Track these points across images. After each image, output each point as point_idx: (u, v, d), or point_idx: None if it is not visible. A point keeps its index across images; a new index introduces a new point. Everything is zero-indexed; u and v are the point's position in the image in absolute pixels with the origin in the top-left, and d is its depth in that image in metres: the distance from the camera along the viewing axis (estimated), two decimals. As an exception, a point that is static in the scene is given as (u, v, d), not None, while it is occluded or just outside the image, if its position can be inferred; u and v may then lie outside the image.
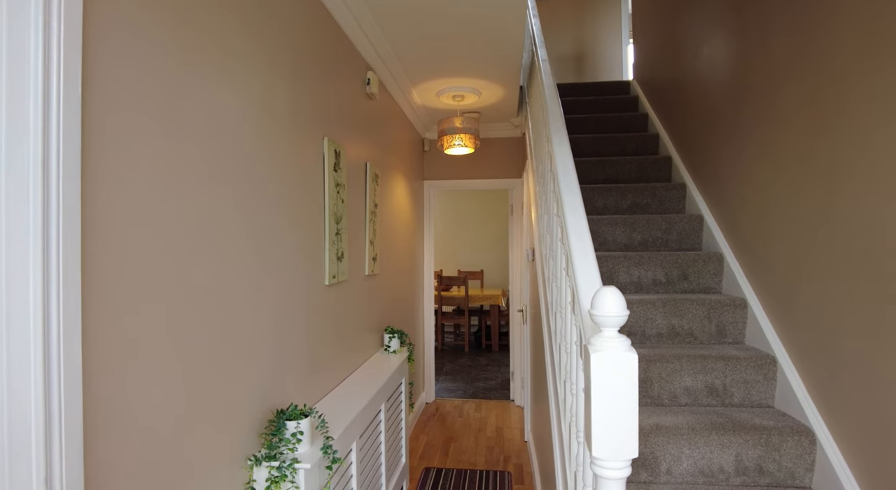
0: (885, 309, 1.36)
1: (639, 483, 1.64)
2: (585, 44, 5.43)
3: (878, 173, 1.39)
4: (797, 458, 1.62)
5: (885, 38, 1.36)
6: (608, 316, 0.96)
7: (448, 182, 4.39)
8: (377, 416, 2.24)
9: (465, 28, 2.36)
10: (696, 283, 2.28)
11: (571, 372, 1.31)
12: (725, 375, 1.84)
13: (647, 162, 3.03)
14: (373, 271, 2.62)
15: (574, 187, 1.51)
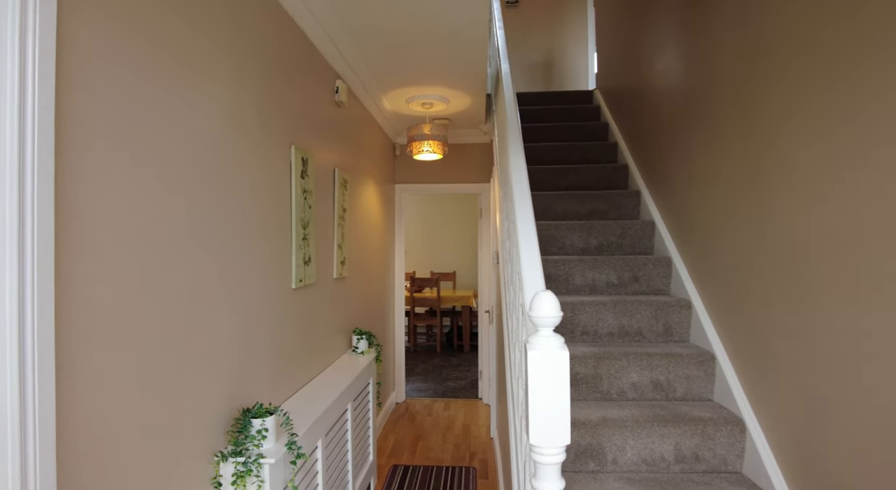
0: (804, 312, 1.51)
1: (587, 472, 1.77)
2: (555, 52, 5.59)
3: (801, 186, 1.54)
4: (729, 446, 1.76)
5: (809, 70, 1.52)
6: (543, 317, 1.06)
7: (419, 186, 4.48)
8: (344, 415, 2.31)
9: (433, 42, 2.46)
10: (647, 285, 2.43)
11: (520, 369, 1.42)
12: (669, 371, 1.98)
13: (606, 169, 3.18)
14: (341, 274, 2.69)
15: (525, 196, 1.62)
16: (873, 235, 1.24)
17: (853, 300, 1.31)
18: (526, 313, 1.23)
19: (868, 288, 1.26)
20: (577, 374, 1.98)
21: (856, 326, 1.30)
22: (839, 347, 1.36)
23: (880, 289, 1.22)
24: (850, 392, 1.32)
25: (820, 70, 1.44)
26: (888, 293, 1.20)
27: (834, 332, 1.37)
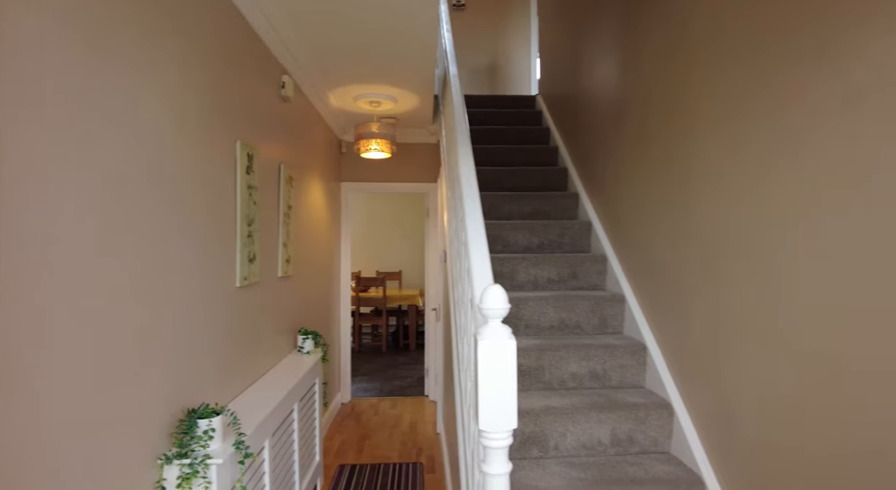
0: (719, 304, 1.67)
1: (531, 459, 1.86)
2: (500, 56, 5.73)
3: (719, 190, 1.70)
4: (659, 428, 1.91)
5: (721, 85, 1.68)
6: (492, 309, 1.12)
7: (366, 184, 4.47)
8: (290, 415, 2.28)
9: (382, 41, 2.48)
10: (585, 281, 2.57)
11: (469, 361, 1.47)
12: (605, 361, 2.12)
13: (548, 172, 3.32)
14: (286, 273, 2.65)
15: (474, 196, 1.69)
16: (783, 234, 1.40)
17: (759, 295, 1.47)
18: (476, 306, 1.29)
19: (774, 284, 1.42)
20: (522, 365, 2.08)
21: (760, 318, 1.46)
22: (747, 338, 1.52)
23: (784, 285, 1.38)
24: (753, 377, 1.48)
25: (738, 87, 1.60)
26: (791, 290, 1.36)
27: (743, 324, 1.53)
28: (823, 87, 1.25)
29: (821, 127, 1.26)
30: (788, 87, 1.37)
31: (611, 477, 1.71)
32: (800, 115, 1.33)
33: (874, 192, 1.12)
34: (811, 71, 1.29)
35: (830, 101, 1.23)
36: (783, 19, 1.39)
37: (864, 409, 1.14)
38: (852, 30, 1.17)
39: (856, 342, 1.16)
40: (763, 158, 1.47)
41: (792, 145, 1.36)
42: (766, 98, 1.46)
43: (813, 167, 1.29)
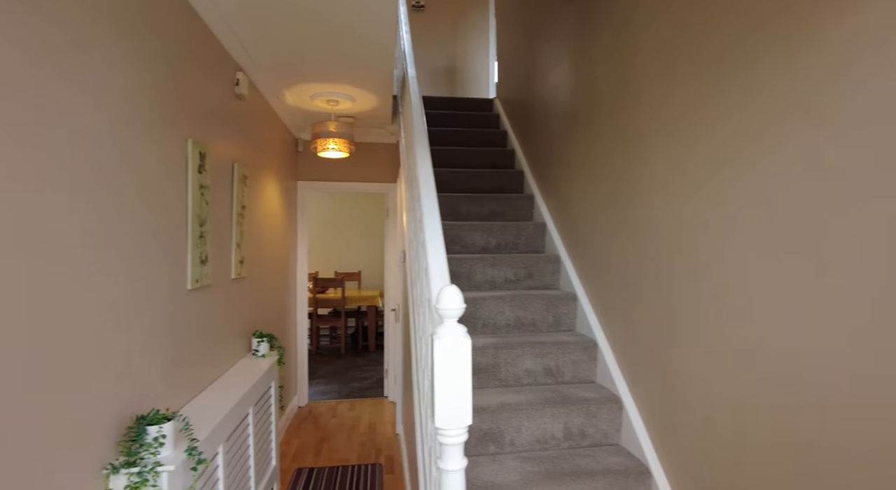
0: (662, 301, 1.76)
1: (487, 455, 1.90)
2: (458, 58, 5.79)
3: (662, 192, 1.80)
4: (610, 422, 2.00)
5: (663, 93, 1.77)
6: (448, 309, 1.15)
7: (323, 183, 4.41)
8: (245, 419, 2.24)
9: (340, 40, 2.46)
10: (539, 280, 2.65)
11: (427, 360, 1.50)
12: (559, 358, 2.19)
13: (505, 174, 3.38)
14: (240, 274, 2.59)
15: (432, 197, 1.71)
16: (718, 238, 1.50)
17: (697, 295, 1.56)
18: (433, 306, 1.31)
19: (710, 285, 1.52)
20: (479, 363, 2.12)
21: (700, 317, 1.56)
22: (688, 335, 1.61)
23: (719, 286, 1.48)
24: (693, 373, 1.58)
25: (683, 103, 1.69)
26: (726, 291, 1.46)
27: (684, 322, 1.63)
28: (740, 110, 1.35)
29: (748, 141, 1.36)
30: (720, 105, 1.47)
31: (564, 470, 1.78)
32: (730, 129, 1.43)
33: (787, 200, 1.22)
34: (733, 95, 1.39)
35: (745, 122, 1.33)
36: (715, 46, 1.48)
37: (796, 402, 1.24)
38: (758, 62, 1.27)
39: (783, 338, 1.26)
40: (702, 167, 1.56)
41: (725, 156, 1.45)
42: (706, 113, 1.55)
43: (744, 174, 1.38)
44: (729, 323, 1.44)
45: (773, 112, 1.29)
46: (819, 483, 1.16)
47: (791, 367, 1.23)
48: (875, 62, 1.03)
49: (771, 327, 1.30)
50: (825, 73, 1.14)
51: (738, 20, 1.40)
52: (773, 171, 1.29)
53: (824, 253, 1.15)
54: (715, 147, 1.51)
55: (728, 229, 1.45)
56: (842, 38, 1.10)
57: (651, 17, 1.86)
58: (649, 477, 1.78)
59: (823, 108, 1.15)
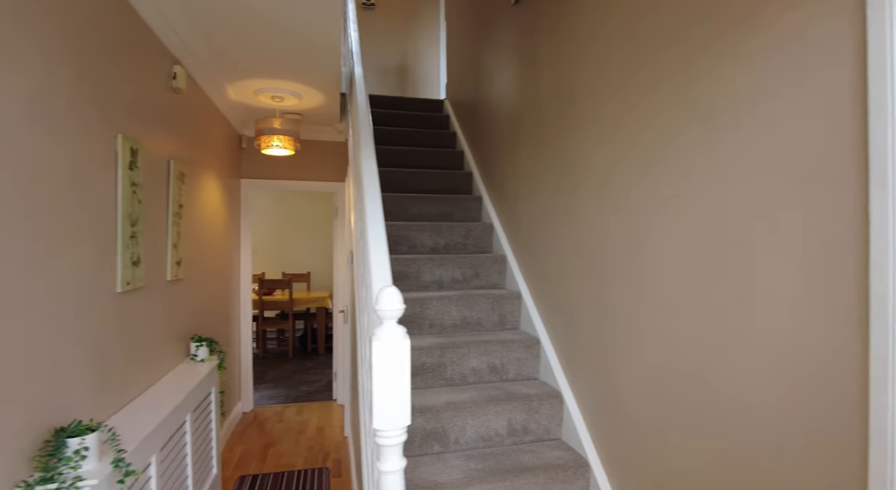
0: (598, 298, 1.83)
1: (432, 454, 1.91)
2: (409, 58, 5.77)
3: (599, 196, 1.87)
4: (551, 417, 2.06)
5: (601, 103, 1.84)
6: (386, 310, 1.15)
7: (268, 182, 4.29)
8: (182, 427, 2.15)
9: (282, 36, 2.41)
10: (486, 280, 2.69)
11: (368, 361, 1.49)
12: (503, 356, 2.23)
13: (455, 175, 3.41)
14: (177, 276, 2.48)
15: (376, 197, 1.70)
16: (644, 241, 1.58)
17: (625, 294, 1.64)
18: (372, 308, 1.30)
19: (638, 284, 1.59)
20: (425, 363, 2.13)
21: (627, 314, 1.63)
22: (620, 333, 1.69)
23: (645, 286, 1.56)
24: (626, 370, 1.65)
25: (617, 110, 1.77)
26: (650, 291, 1.53)
27: (616, 320, 1.70)
28: (662, 118, 1.43)
29: (670, 150, 1.44)
30: (646, 116, 1.55)
31: (506, 466, 1.81)
32: (656, 138, 1.51)
33: (704, 213, 1.30)
34: (656, 105, 1.47)
35: (670, 131, 1.41)
36: (626, 70, 1.56)
37: (715, 401, 1.32)
38: (676, 77, 1.35)
39: (695, 337, 1.34)
40: (633, 173, 1.64)
41: (643, 168, 1.53)
42: (636, 120, 1.63)
43: (655, 186, 1.46)
44: (647, 322, 1.52)
45: (673, 134, 1.37)
46: (732, 475, 1.25)
47: (702, 367, 1.32)
48: (734, 112, 1.12)
49: (685, 326, 1.38)
50: (715, 105, 1.23)
51: (638, 53, 1.48)
52: (677, 183, 1.37)
53: (729, 259, 1.23)
54: (634, 160, 1.58)
55: (646, 235, 1.52)
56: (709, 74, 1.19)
57: (588, 33, 1.93)
58: (588, 469, 1.85)
59: (709, 135, 1.24)
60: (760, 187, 1.17)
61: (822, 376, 1.04)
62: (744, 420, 1.22)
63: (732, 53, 1.25)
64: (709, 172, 1.33)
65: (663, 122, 1.50)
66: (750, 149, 1.20)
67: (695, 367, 1.37)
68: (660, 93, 1.51)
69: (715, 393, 1.31)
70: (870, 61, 0.93)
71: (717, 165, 1.30)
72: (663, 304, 1.49)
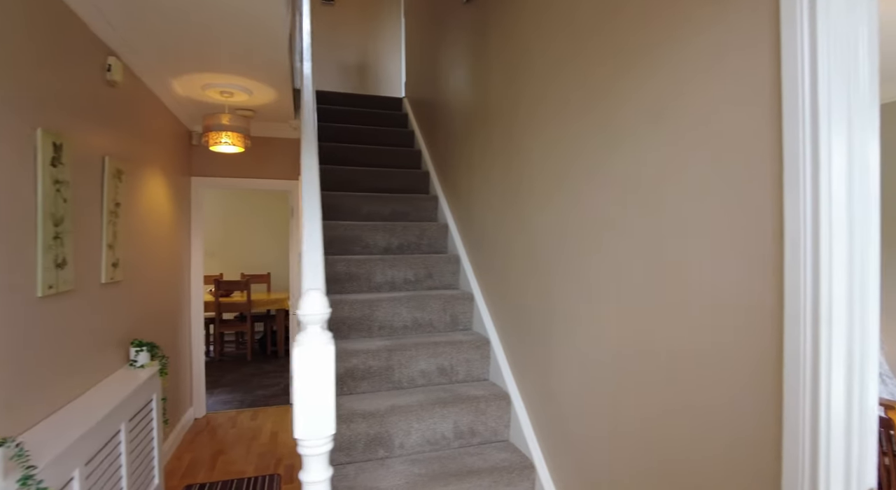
0: (543, 300, 1.83)
1: (376, 459, 1.87)
2: (370, 55, 5.70)
3: (537, 197, 1.86)
4: (499, 418, 2.04)
5: (542, 112, 1.84)
6: (307, 314, 1.11)
7: (221, 180, 4.16)
8: (116, 437, 2.04)
9: (223, 28, 2.31)
10: (439, 281, 2.66)
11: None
12: (452, 357, 2.20)
13: (411, 175, 3.37)
14: (113, 278, 2.36)
15: (314, 196, 1.65)
16: (583, 237, 1.58)
17: (565, 295, 1.64)
18: (295, 312, 1.25)
19: (579, 285, 1.59)
20: (371, 367, 2.08)
21: (569, 313, 1.63)
22: (561, 330, 1.68)
23: (586, 286, 1.56)
24: (568, 370, 1.65)
25: (559, 122, 1.76)
26: (590, 292, 1.53)
27: (561, 320, 1.70)
28: (590, 117, 1.44)
29: (608, 157, 1.44)
30: (583, 129, 1.54)
31: (451, 469, 1.79)
32: (592, 149, 1.51)
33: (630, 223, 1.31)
34: (582, 121, 1.47)
35: (600, 132, 1.41)
36: (567, 86, 1.56)
37: (645, 400, 1.32)
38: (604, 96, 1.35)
39: (632, 337, 1.35)
40: (570, 173, 1.63)
41: (564, 174, 1.53)
42: (568, 118, 1.63)
43: (601, 185, 1.46)
44: (587, 322, 1.52)
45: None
46: (663, 471, 1.25)
47: (634, 366, 1.32)
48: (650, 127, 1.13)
49: (619, 326, 1.38)
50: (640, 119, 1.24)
51: (572, 43, 1.48)
52: (603, 192, 1.37)
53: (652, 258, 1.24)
54: (571, 160, 1.58)
55: (583, 235, 1.52)
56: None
57: (531, 31, 1.92)
58: (533, 471, 1.84)
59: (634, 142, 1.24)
60: (688, 188, 1.18)
61: (744, 373, 1.05)
62: (669, 416, 1.23)
63: (661, 60, 1.25)
64: (639, 173, 1.33)
65: (593, 122, 1.50)
66: (677, 150, 1.21)
67: (627, 366, 1.38)
68: (592, 91, 1.51)
69: (645, 392, 1.31)
70: (783, 67, 0.94)
71: (647, 166, 1.30)
72: (598, 303, 1.49)
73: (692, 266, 1.17)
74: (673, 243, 1.22)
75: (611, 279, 1.45)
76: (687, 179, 1.18)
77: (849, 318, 0.89)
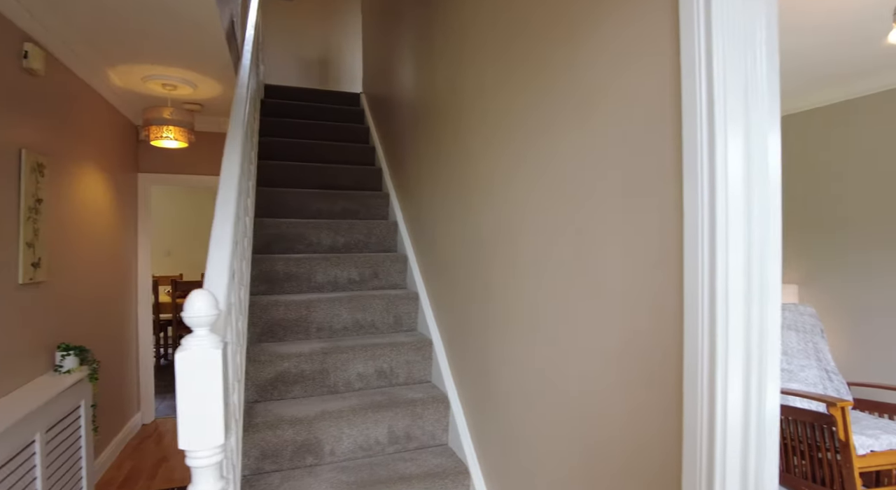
0: (484, 302, 1.77)
1: (304, 467, 1.79)
2: (331, 51, 5.58)
3: (474, 192, 1.80)
4: (436, 422, 1.98)
5: (485, 113, 1.78)
6: (192, 317, 1.02)
7: (171, 176, 4.00)
8: (27, 449, 1.91)
9: (152, 16, 2.20)
10: (386, 280, 2.59)
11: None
12: (392, 359, 2.13)
13: (365, 171, 3.28)
14: (34, 279, 2.22)
15: (230, 189, 1.56)
16: (517, 236, 1.52)
17: (505, 296, 1.59)
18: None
19: (517, 286, 1.54)
20: (304, 371, 2.00)
21: (505, 312, 1.58)
22: (498, 330, 1.63)
23: (522, 287, 1.51)
24: (503, 373, 1.60)
25: (496, 123, 1.71)
26: (525, 292, 1.48)
27: (496, 317, 1.65)
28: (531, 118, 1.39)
29: (533, 149, 1.39)
30: (514, 115, 1.50)
31: (381, 477, 1.72)
32: (522, 137, 1.46)
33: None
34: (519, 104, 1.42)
35: (533, 132, 1.37)
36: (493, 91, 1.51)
37: (568, 400, 1.28)
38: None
39: (557, 337, 1.30)
40: (504, 171, 1.58)
41: (518, 162, 1.48)
42: (500, 118, 1.57)
43: (524, 183, 1.42)
44: (518, 321, 1.47)
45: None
46: (589, 471, 1.21)
47: (559, 366, 1.27)
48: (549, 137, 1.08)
49: (547, 327, 1.33)
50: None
51: (504, 44, 1.43)
52: (526, 189, 1.32)
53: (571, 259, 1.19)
54: (505, 159, 1.53)
55: (517, 234, 1.47)
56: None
57: (470, 26, 1.86)
58: (467, 477, 1.78)
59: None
60: (609, 187, 1.13)
61: (652, 370, 1.01)
62: (586, 421, 1.18)
63: (578, 62, 1.20)
64: (564, 173, 1.28)
65: (533, 121, 1.45)
66: (596, 150, 1.16)
67: (554, 367, 1.33)
68: (515, 87, 1.46)
69: (568, 391, 1.26)
70: (683, 67, 0.90)
71: (570, 167, 1.26)
72: (527, 303, 1.44)
73: (607, 270, 1.12)
74: (593, 253, 1.18)
75: (530, 277, 1.40)
76: (608, 186, 1.14)
77: (746, 315, 0.86)
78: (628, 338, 1.06)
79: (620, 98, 1.07)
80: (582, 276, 1.20)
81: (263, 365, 1.95)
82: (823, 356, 3.17)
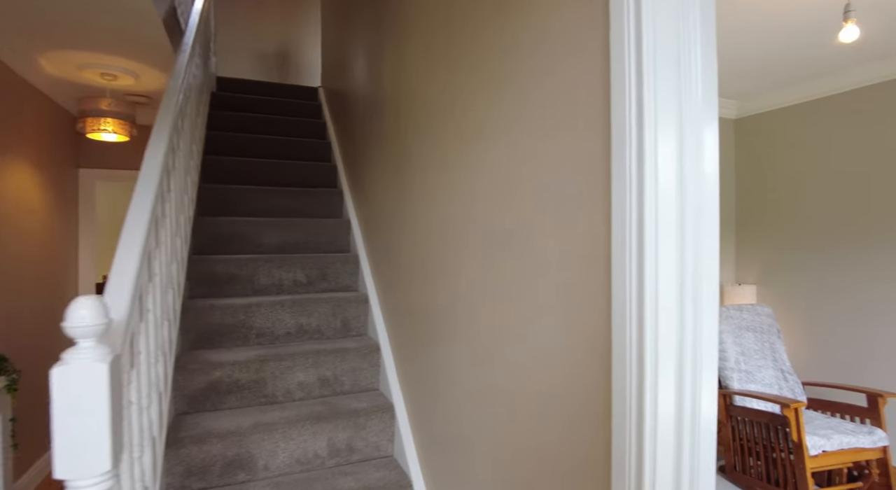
0: (426, 301, 1.68)
1: (236, 484, 1.66)
2: (291, 45, 5.40)
3: (416, 190, 1.71)
4: (381, 433, 1.88)
5: (433, 105, 1.69)
6: (75, 327, 0.90)
7: (118, 172, 3.79)
8: (-73, 469, 1.73)
9: (91, 1, 2.04)
10: (335, 282, 2.47)
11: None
12: (336, 367, 2.03)
13: (321, 168, 3.16)
14: (-59, 282, 2.03)
15: (148, 188, 1.43)
16: (459, 237, 1.44)
17: (453, 299, 1.50)
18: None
19: (467, 287, 1.46)
20: (239, 380, 1.87)
21: (448, 317, 1.49)
22: (442, 336, 1.54)
23: (474, 288, 1.42)
24: (448, 378, 1.51)
25: (433, 125, 1.62)
26: (464, 291, 1.40)
27: (439, 322, 1.56)
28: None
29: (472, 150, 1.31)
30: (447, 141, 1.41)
31: (317, 492, 1.61)
32: (445, 149, 1.38)
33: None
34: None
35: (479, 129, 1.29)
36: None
37: (510, 401, 1.20)
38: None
39: (496, 336, 1.22)
40: (447, 172, 1.50)
41: (459, 161, 1.40)
42: (439, 118, 1.49)
43: (431, 200, 1.34)
44: (461, 325, 1.39)
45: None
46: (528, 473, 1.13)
47: (498, 367, 1.20)
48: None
49: (487, 329, 1.25)
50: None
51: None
52: (461, 200, 1.24)
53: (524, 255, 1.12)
54: (446, 160, 1.45)
55: (459, 235, 1.39)
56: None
57: (413, 20, 1.78)
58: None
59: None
60: (549, 190, 1.06)
61: (583, 367, 0.93)
62: (531, 422, 1.11)
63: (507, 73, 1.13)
64: (502, 175, 1.20)
65: (466, 119, 1.36)
66: (538, 155, 1.09)
67: (493, 369, 1.25)
68: (459, 83, 1.38)
69: (513, 401, 1.19)
70: (612, 66, 0.83)
71: (507, 168, 1.18)
72: (467, 305, 1.36)
73: (541, 277, 1.05)
74: (533, 254, 1.10)
75: (471, 279, 1.32)
76: (549, 189, 1.06)
77: (680, 318, 0.79)
78: (562, 343, 0.98)
79: (551, 109, 1.00)
80: (519, 288, 1.13)
81: (194, 374, 1.81)
82: (780, 356, 3.20)
